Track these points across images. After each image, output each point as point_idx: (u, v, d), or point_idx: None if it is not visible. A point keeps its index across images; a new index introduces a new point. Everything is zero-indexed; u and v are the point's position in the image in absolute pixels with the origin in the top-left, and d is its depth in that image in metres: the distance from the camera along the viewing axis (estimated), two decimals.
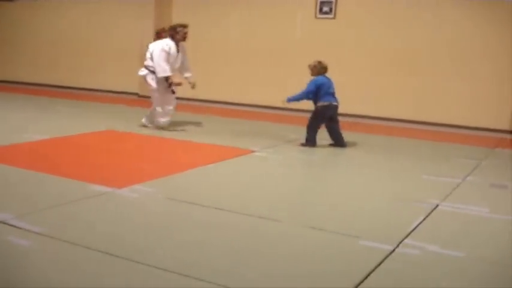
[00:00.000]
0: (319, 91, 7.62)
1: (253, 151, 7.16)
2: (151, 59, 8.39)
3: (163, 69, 8.23)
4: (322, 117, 7.66)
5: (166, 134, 8.15)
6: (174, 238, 3.85)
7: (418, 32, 10.67)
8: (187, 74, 8.69)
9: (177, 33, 8.38)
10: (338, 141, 7.80)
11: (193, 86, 8.63)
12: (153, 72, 8.39)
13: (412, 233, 4.17)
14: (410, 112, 10.88)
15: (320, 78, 7.66)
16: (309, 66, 7.76)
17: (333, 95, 7.71)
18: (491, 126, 10.23)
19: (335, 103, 7.70)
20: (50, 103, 11.49)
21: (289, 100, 7.77)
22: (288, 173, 6.37)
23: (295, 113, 10.31)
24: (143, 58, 13.05)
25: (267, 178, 5.96)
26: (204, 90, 12.66)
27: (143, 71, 8.60)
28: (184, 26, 8.46)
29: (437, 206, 4.98)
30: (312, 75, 7.72)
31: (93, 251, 3.48)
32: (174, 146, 7.54)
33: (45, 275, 3.17)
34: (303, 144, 7.71)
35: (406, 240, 4.00)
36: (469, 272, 3.53)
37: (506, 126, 10.19)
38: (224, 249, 3.68)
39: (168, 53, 8.27)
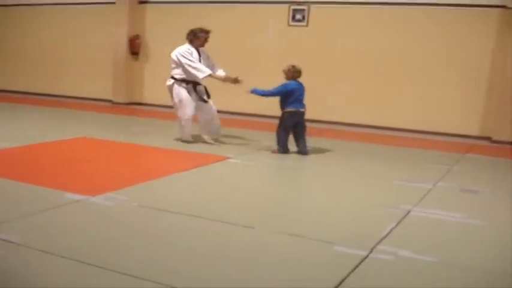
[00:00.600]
0: (289, 97, 7.59)
1: (227, 158, 7.17)
2: (177, 67, 7.98)
3: (202, 70, 7.81)
4: (289, 123, 7.65)
5: (141, 141, 8.12)
6: (149, 246, 3.85)
7: (389, 39, 10.81)
8: (221, 72, 8.11)
9: (197, 38, 8.07)
10: (301, 149, 7.76)
11: (237, 80, 8.01)
12: (182, 80, 7.99)
13: (385, 239, 4.23)
14: (381, 118, 11.00)
15: (293, 83, 7.65)
16: (284, 70, 7.77)
17: (301, 101, 7.69)
18: (462, 132, 10.39)
19: (302, 109, 7.67)
20: (22, 110, 11.39)
21: (254, 91, 7.72)
22: (262, 179, 6.40)
23: (268, 119, 10.36)
24: (117, 64, 13.10)
25: (241, 185, 5.98)
26: None
27: (170, 81, 8.11)
28: (206, 32, 8.14)
29: (409, 211, 5.05)
30: (287, 79, 7.72)
31: (68, 260, 3.46)
32: (148, 153, 7.52)
33: (19, 284, 3.15)
34: (274, 152, 7.73)
35: (379, 246, 4.05)
36: (442, 277, 3.58)
37: (476, 132, 10.36)
38: (198, 257, 3.68)
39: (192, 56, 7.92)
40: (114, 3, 13.01)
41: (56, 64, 14.22)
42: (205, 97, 8.12)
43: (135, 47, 13.06)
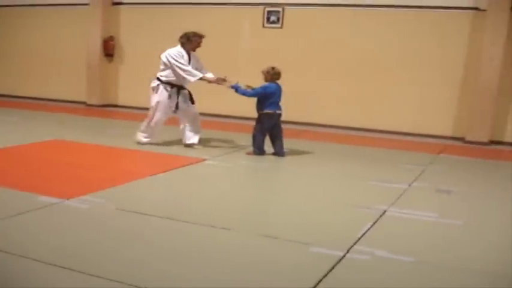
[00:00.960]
0: (267, 99, 7.61)
1: (203, 159, 7.16)
2: (165, 69, 7.92)
3: (192, 73, 7.76)
4: (266, 125, 7.66)
5: (116, 143, 8.06)
6: (125, 248, 3.82)
7: (364, 40, 10.88)
8: (210, 75, 7.99)
9: (190, 42, 8.00)
10: (277, 150, 7.76)
11: (225, 80, 7.89)
12: (167, 83, 7.91)
13: (362, 239, 4.25)
14: (357, 119, 11.06)
15: (272, 85, 7.64)
16: (262, 72, 7.76)
17: (278, 103, 7.71)
18: (436, 133, 10.50)
19: (279, 111, 7.68)
20: None
21: (235, 87, 7.70)
22: (238, 181, 6.40)
23: (243, 121, 10.36)
24: (92, 66, 12.98)
25: (217, 187, 5.97)
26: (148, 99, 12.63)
27: (155, 82, 8.01)
28: (200, 36, 8.09)
29: (385, 211, 5.08)
30: (266, 81, 7.72)
31: (42, 264, 3.43)
32: (124, 155, 7.48)
33: None
34: (249, 153, 7.73)
35: (355, 246, 4.07)
36: (418, 277, 3.62)
37: (449, 133, 10.48)
38: (175, 259, 3.67)
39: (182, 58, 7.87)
40: (87, 4, 12.89)
41: (29, 66, 14.06)
42: (188, 103, 8.07)
43: (109, 49, 12.96)
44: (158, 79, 7.98)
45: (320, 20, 11.18)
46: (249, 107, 7.94)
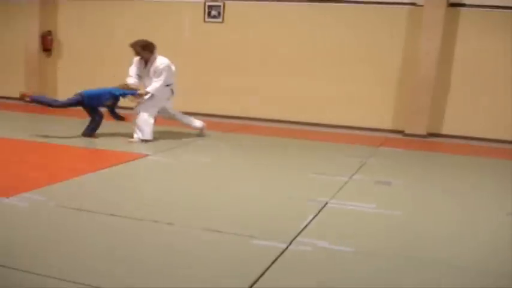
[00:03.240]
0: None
1: (146, 155, 7.11)
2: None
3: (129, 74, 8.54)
4: None
5: (56, 140, 7.91)
6: (67, 246, 3.77)
7: (305, 35, 11.00)
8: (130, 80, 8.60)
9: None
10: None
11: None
12: None
13: (304, 231, 4.31)
14: (297, 113, 11.16)
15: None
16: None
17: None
18: (376, 126, 10.70)
19: None
20: None
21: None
22: (180, 176, 6.37)
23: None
24: (29, 61, 12.64)
25: (159, 182, 5.95)
26: None
27: None
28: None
29: (326, 203, 5.16)
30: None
31: None
32: (64, 152, 7.34)
33: None
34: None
35: (298, 238, 4.12)
36: (359, 267, 3.69)
37: (389, 126, 10.70)
38: (117, 255, 3.64)
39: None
40: None
41: None
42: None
43: (47, 44, 12.69)
44: None
45: (261, 15, 11.23)
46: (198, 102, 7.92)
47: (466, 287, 3.46)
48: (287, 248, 3.90)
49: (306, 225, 4.45)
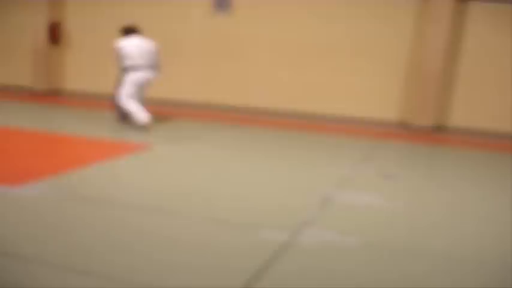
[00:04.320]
0: None
1: (150, 145, 7.14)
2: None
3: None
4: None
5: (63, 130, 7.96)
6: (72, 236, 3.81)
7: (313, 28, 10.99)
8: None
9: None
10: None
11: None
12: None
13: (309, 222, 4.35)
14: (304, 105, 11.19)
15: None
16: None
17: None
18: (382, 119, 10.71)
19: None
20: None
21: None
22: (185, 166, 6.40)
23: (189, 106, 10.35)
24: (37, 52, 12.68)
25: (164, 172, 5.97)
26: (94, 85, 12.51)
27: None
28: None
29: (331, 195, 5.19)
30: None
31: None
32: (69, 142, 7.39)
33: None
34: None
35: (302, 229, 4.16)
36: (365, 258, 3.71)
37: (395, 119, 10.71)
38: (122, 245, 3.68)
39: None
40: None
41: None
42: None
43: (55, 34, 12.74)
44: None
45: (270, 7, 11.23)
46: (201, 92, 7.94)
47: (470, 279, 3.49)
48: (292, 239, 3.94)
49: (311, 217, 4.49)
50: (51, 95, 12.65)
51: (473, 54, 10.17)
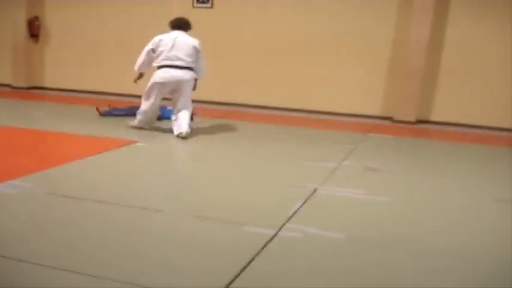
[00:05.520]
0: None
1: (134, 141, 7.07)
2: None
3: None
4: None
5: (43, 127, 7.86)
6: (56, 233, 3.75)
7: (296, 22, 10.95)
8: None
9: None
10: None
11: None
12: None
13: (293, 217, 4.31)
14: (286, 100, 11.15)
15: None
16: None
17: None
18: (365, 113, 10.70)
19: None
20: None
21: None
22: (169, 162, 6.36)
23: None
24: (16, 47, 12.49)
25: (148, 169, 5.93)
26: (79, 82, 12.39)
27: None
28: None
29: (315, 190, 5.16)
30: None
31: None
32: (52, 138, 7.30)
33: None
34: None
35: (287, 224, 4.12)
36: (349, 253, 3.70)
37: (378, 113, 10.71)
38: (106, 242, 3.63)
39: None
40: None
41: None
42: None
43: (34, 29, 12.57)
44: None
45: (251, 1, 11.17)
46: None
47: (454, 272, 3.47)
48: (276, 234, 3.91)
49: (295, 212, 4.45)
50: (32, 91, 12.50)
51: (457, 48, 10.17)
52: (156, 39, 7.68)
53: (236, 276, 3.18)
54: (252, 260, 3.42)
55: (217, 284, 3.07)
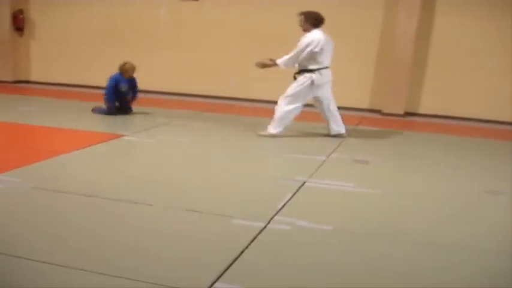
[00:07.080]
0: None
1: (123, 135, 7.03)
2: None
3: None
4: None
5: (30, 121, 7.80)
6: (45, 228, 3.72)
7: (283, 15, 10.91)
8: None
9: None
10: None
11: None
12: None
13: (282, 210, 4.31)
14: (276, 93, 11.12)
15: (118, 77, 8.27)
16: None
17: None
18: (354, 106, 10.71)
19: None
20: None
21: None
22: (158, 156, 6.32)
23: (159, 95, 10.24)
24: (1, 41, 12.35)
25: (136, 162, 5.90)
26: (66, 75, 12.31)
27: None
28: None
29: (304, 183, 5.16)
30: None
31: None
32: (39, 132, 7.24)
33: None
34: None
35: (276, 217, 4.12)
36: (338, 245, 3.70)
37: (366, 105, 10.72)
38: (96, 236, 3.61)
39: None
40: None
41: None
42: None
43: (19, 23, 12.46)
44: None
45: None
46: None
47: (444, 262, 3.48)
48: (266, 226, 3.90)
49: (284, 204, 4.45)
50: (17, 85, 12.39)
51: (445, 38, 10.19)
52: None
53: (226, 269, 3.17)
54: (242, 252, 3.41)
55: (207, 277, 3.06)
